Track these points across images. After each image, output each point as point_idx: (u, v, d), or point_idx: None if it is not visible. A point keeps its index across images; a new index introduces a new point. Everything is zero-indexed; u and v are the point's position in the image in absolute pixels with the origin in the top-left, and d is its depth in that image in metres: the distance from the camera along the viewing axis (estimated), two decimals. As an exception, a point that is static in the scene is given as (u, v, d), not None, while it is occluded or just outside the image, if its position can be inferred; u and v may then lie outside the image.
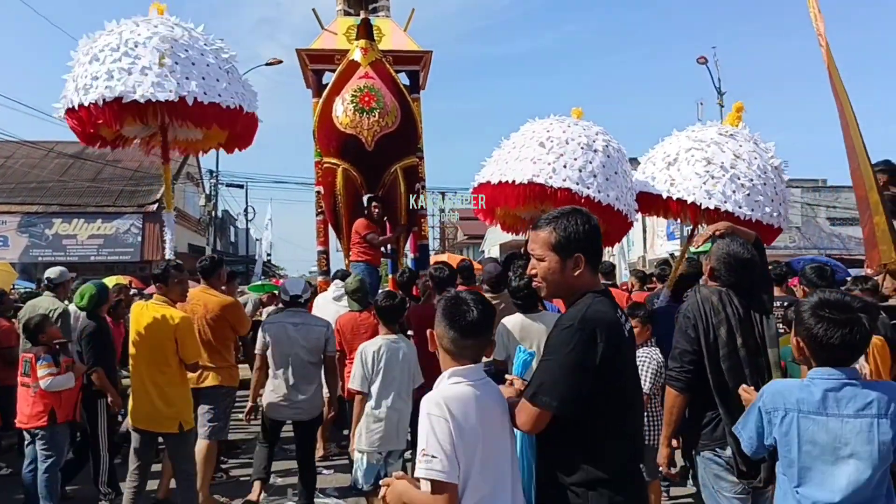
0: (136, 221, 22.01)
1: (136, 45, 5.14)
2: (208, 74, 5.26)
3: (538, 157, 5.80)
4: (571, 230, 2.07)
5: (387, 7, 9.38)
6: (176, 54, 5.17)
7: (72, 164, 23.59)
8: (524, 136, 6.14)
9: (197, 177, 28.17)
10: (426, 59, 9.02)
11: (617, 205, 5.86)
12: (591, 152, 5.85)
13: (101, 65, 5.07)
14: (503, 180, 5.91)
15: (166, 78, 5.01)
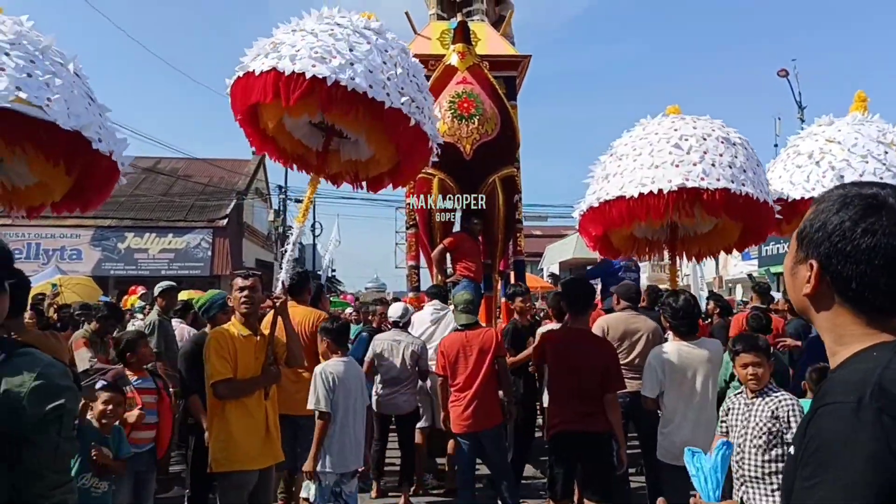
0: (206, 236, 22.07)
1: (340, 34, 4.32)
2: (399, 81, 4.30)
3: (679, 160, 5.00)
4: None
5: (481, 11, 9.00)
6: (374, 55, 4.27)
7: (144, 178, 23.86)
8: (647, 141, 5.38)
9: (265, 192, 28.26)
10: (524, 64, 8.57)
11: (770, 201, 5.19)
12: (732, 146, 5.10)
13: (306, 38, 4.24)
14: (643, 192, 4.99)
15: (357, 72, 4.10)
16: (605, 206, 5.25)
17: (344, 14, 4.43)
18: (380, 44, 4.26)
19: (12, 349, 1.72)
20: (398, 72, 4.20)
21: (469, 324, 5.23)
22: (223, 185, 24.44)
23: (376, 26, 4.41)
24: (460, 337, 5.20)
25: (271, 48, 4.14)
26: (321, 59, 3.95)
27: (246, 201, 24.52)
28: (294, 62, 3.95)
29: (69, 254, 21.43)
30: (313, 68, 3.89)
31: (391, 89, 4.09)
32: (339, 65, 3.95)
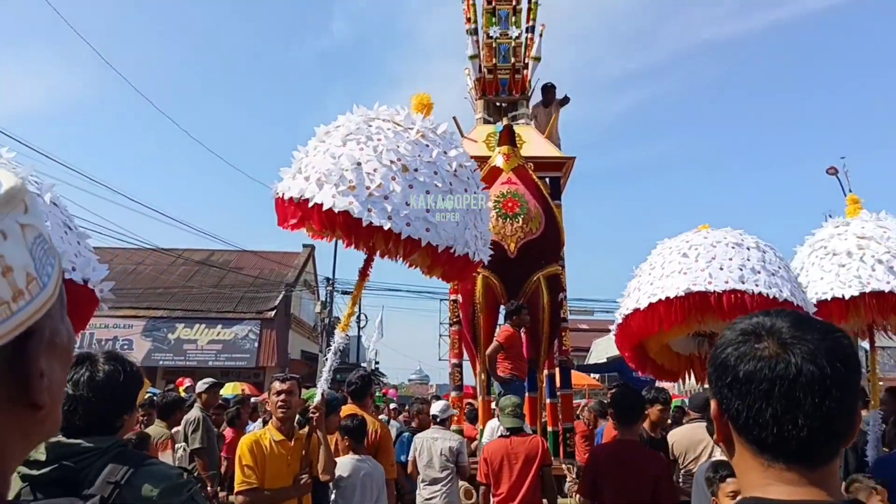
0: (253, 328, 22.37)
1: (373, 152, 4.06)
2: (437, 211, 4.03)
3: (687, 268, 5.06)
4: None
5: (527, 115, 9.24)
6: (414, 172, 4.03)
7: (197, 270, 24.50)
8: (661, 255, 5.40)
9: (313, 283, 28.70)
10: (568, 165, 8.71)
11: (794, 300, 5.10)
12: (745, 250, 5.09)
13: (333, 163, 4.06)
14: (653, 301, 5.10)
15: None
16: (626, 320, 5.34)
17: (398, 112, 4.28)
18: (428, 161, 4.07)
19: (140, 461, 1.83)
20: (443, 201, 4.04)
21: (514, 428, 5.16)
22: (273, 277, 24.92)
23: (435, 136, 4.23)
24: (504, 444, 5.11)
25: (303, 168, 4.15)
26: (360, 194, 3.84)
27: (294, 293, 24.91)
28: (321, 188, 3.91)
29: (121, 344, 21.88)
30: (350, 206, 3.82)
31: (433, 224, 3.95)
32: (374, 199, 3.85)
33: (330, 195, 3.91)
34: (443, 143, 4.28)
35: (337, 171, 3.96)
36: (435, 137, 4.26)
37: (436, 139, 4.25)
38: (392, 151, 4.02)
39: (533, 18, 9.53)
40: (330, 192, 3.91)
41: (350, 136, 4.17)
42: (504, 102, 9.40)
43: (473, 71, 9.42)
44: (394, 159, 3.98)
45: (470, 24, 9.58)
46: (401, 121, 4.27)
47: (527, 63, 9.42)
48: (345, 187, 3.91)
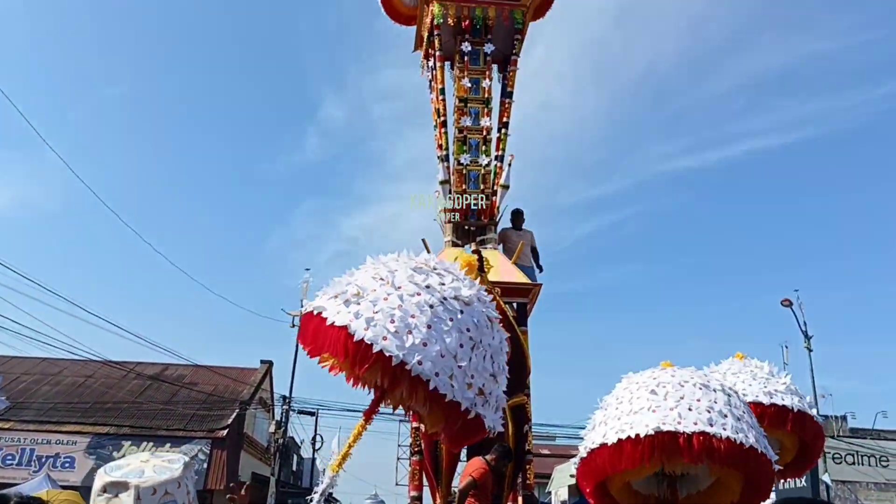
0: (204, 447, 21.41)
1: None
2: (471, 368, 3.85)
3: (656, 406, 4.98)
4: None
5: (494, 240, 9.30)
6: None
7: (149, 385, 23.64)
8: (628, 389, 5.45)
9: (269, 402, 27.81)
10: (535, 292, 8.68)
11: (758, 447, 5.05)
12: (712, 392, 5.12)
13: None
14: (621, 437, 4.94)
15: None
16: (591, 455, 5.14)
17: (437, 268, 4.09)
18: (464, 320, 3.90)
19: None
20: (473, 358, 3.87)
21: None
22: (227, 394, 24.12)
23: (468, 295, 4.02)
24: None
25: (353, 297, 3.89)
26: (395, 332, 3.67)
27: (248, 411, 24.06)
28: (369, 327, 3.70)
29: (62, 461, 20.70)
30: (384, 342, 3.64)
31: (458, 380, 3.79)
32: (413, 345, 3.66)
33: (363, 327, 3.68)
34: (446, 277, 4.07)
35: (340, 285, 3.90)
36: (438, 268, 4.09)
37: (438, 269, 4.07)
38: (388, 271, 3.95)
39: (502, 148, 9.78)
40: (362, 323, 3.69)
41: (397, 271, 4.03)
42: (473, 227, 9.48)
43: (443, 195, 9.53)
44: (434, 303, 3.83)
45: (441, 150, 9.79)
46: (455, 273, 4.12)
47: (495, 190, 9.58)
48: (342, 300, 3.81)
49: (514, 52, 10.20)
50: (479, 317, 3.96)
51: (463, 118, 9.71)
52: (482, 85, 9.88)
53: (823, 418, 25.18)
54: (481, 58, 9.94)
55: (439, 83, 10.02)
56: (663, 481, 5.51)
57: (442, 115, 9.96)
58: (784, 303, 25.45)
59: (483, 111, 9.81)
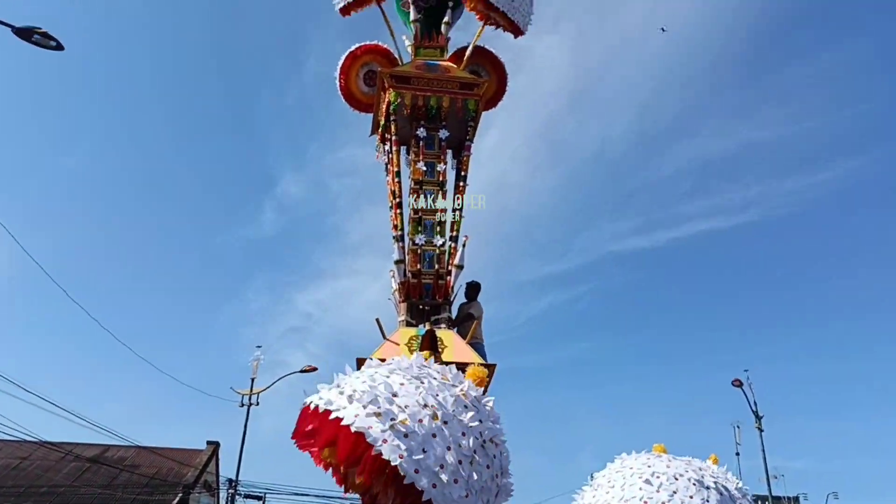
0: (144, 534, 20.48)
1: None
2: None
3: (648, 497, 5.15)
4: None
5: (448, 319, 9.42)
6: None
7: (88, 468, 22.66)
8: (621, 474, 5.51)
9: (214, 485, 26.84)
10: (490, 372, 8.78)
11: None
12: (705, 489, 5.25)
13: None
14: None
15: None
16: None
17: (475, 402, 4.13)
18: (496, 466, 3.99)
19: None
20: (464, 464, 3.85)
21: None
22: (171, 477, 23.23)
23: (501, 438, 4.15)
24: None
25: (401, 424, 3.74)
26: (445, 482, 3.63)
27: (192, 496, 23.17)
28: (419, 470, 3.60)
29: (-11, 550, 19.55)
30: (434, 490, 3.60)
31: (441, 483, 3.74)
32: (459, 497, 3.67)
33: (353, 413, 3.75)
34: (482, 412, 4.14)
35: (371, 393, 3.82)
36: (477, 405, 4.14)
37: (477, 406, 4.13)
38: (431, 396, 3.90)
39: (457, 230, 10.04)
40: (354, 410, 3.76)
41: (398, 370, 4.13)
42: (427, 306, 9.60)
43: (398, 275, 9.68)
44: (429, 403, 3.86)
45: (397, 230, 10.01)
46: (450, 377, 4.22)
47: (450, 270, 9.77)
48: (372, 411, 3.73)
49: (467, 138, 10.60)
50: (505, 461, 4.10)
51: (418, 200, 9.97)
52: (437, 169, 10.20)
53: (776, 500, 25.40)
54: (436, 143, 10.30)
55: (395, 166, 10.33)
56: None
57: (398, 197, 10.22)
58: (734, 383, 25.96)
59: (438, 194, 10.10)
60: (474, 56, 10.92)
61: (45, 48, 10.67)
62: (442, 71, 10.44)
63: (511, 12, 10.38)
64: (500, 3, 10.25)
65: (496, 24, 10.64)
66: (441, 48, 10.96)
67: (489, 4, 10.25)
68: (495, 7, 10.27)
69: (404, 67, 10.49)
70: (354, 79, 11.23)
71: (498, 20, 10.53)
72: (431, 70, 10.41)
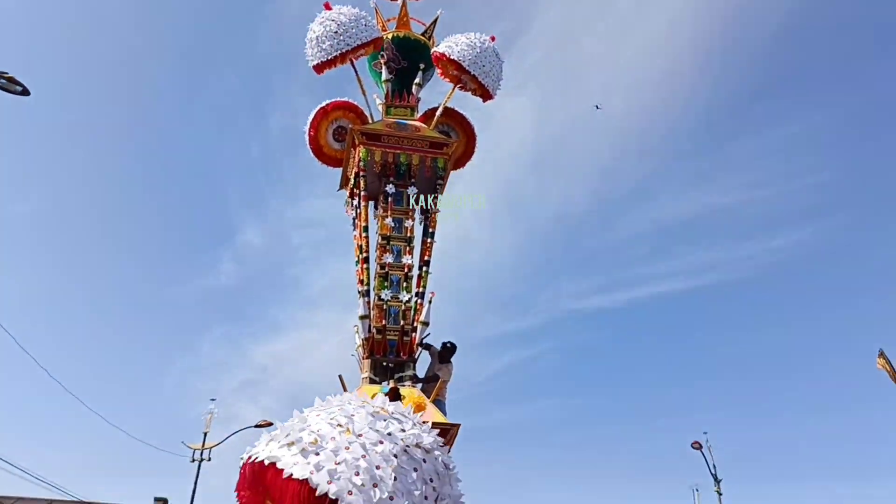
0: None
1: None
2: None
3: None
4: None
5: (412, 377, 9.36)
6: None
7: (28, 524, 21.67)
8: None
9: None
10: (453, 433, 8.69)
11: None
12: None
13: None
14: None
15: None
16: None
17: (394, 413, 4.15)
18: (428, 469, 3.93)
19: None
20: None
21: None
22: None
23: (429, 443, 4.08)
24: None
25: (311, 445, 3.76)
26: (362, 486, 3.59)
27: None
28: (332, 481, 3.57)
29: None
30: (350, 497, 3.54)
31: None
32: (380, 499, 3.59)
33: (268, 450, 3.78)
34: (405, 423, 4.12)
35: (285, 429, 3.88)
36: (400, 417, 4.14)
37: (399, 418, 4.13)
38: (343, 416, 3.93)
39: (423, 285, 10.06)
40: (270, 447, 3.79)
41: (319, 407, 4.13)
42: (391, 363, 9.53)
43: (363, 330, 9.62)
44: (341, 422, 3.88)
45: (363, 285, 9.99)
46: (373, 402, 4.22)
47: (415, 326, 9.75)
48: (284, 442, 3.78)
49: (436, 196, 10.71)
50: (440, 466, 4.01)
51: (385, 255, 10.00)
52: (405, 224, 10.27)
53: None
54: (405, 199, 10.40)
55: (363, 221, 10.38)
56: None
57: (364, 252, 10.23)
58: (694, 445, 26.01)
59: (405, 249, 10.15)
60: (444, 116, 11.15)
61: (9, 92, 10.54)
62: (412, 130, 10.62)
63: (482, 77, 10.65)
64: (472, 68, 10.53)
65: (466, 87, 10.89)
66: (412, 108, 11.17)
67: (462, 68, 10.52)
68: (467, 71, 10.53)
69: (375, 125, 10.64)
70: (324, 133, 11.33)
71: (469, 83, 10.78)
72: (402, 128, 10.58)
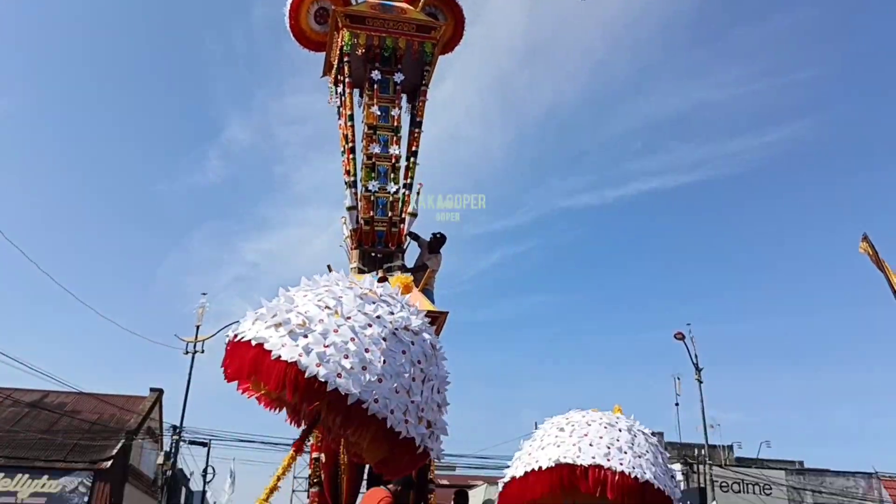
0: (85, 479, 20.19)
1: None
2: (423, 402, 3.76)
3: (561, 441, 5.57)
4: None
5: (401, 267, 9.29)
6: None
7: (27, 412, 22.17)
8: (543, 429, 5.95)
9: (157, 431, 26.59)
10: (441, 320, 8.69)
11: (657, 483, 5.38)
12: (616, 430, 5.62)
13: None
14: (528, 470, 5.59)
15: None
16: (506, 487, 5.82)
17: (383, 295, 3.99)
18: (416, 352, 3.80)
19: None
20: (424, 391, 3.78)
21: None
22: (113, 423, 22.90)
23: (417, 325, 3.94)
24: None
25: (299, 328, 3.62)
26: (351, 369, 3.47)
27: (135, 442, 22.91)
28: (321, 363, 3.45)
29: (-77, 496, 19.10)
30: (340, 379, 3.43)
31: (412, 415, 3.66)
32: (369, 382, 3.47)
33: (254, 329, 3.66)
34: (393, 304, 3.95)
35: (272, 309, 3.74)
36: (388, 299, 3.97)
37: (388, 300, 3.95)
38: (332, 299, 3.78)
39: (411, 177, 9.84)
40: (256, 326, 3.67)
41: (305, 288, 3.98)
42: (379, 254, 9.46)
43: (350, 221, 9.48)
44: (329, 304, 3.74)
45: (349, 176, 9.75)
46: (360, 284, 4.05)
47: (403, 217, 9.62)
48: (271, 323, 3.65)
49: (423, 82, 10.34)
50: (427, 347, 3.92)
51: (372, 145, 9.72)
52: (391, 113, 9.93)
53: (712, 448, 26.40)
54: (391, 86, 10.02)
55: (348, 109, 10.00)
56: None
57: (350, 142, 9.93)
58: (677, 336, 26.69)
59: (392, 139, 9.87)
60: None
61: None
62: (398, 12, 10.11)
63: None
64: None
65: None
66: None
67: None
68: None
69: (359, 7, 10.10)
70: (305, 16, 10.76)
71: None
72: (387, 10, 10.06)
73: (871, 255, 8.04)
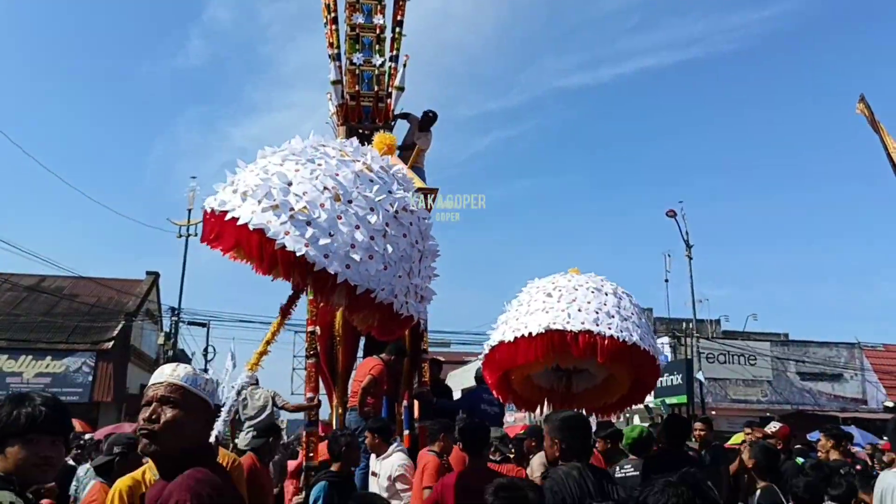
0: (88, 360, 20.76)
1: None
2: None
3: (549, 307, 5.51)
4: None
5: (389, 142, 9.16)
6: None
7: (26, 296, 22.48)
8: (529, 293, 5.85)
9: (156, 313, 27.09)
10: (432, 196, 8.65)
11: (642, 344, 5.50)
12: (603, 295, 5.58)
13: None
14: (517, 336, 5.51)
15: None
16: (492, 351, 5.73)
17: (382, 175, 3.84)
18: (414, 232, 3.83)
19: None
20: (422, 270, 3.86)
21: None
22: (111, 306, 23.29)
23: (413, 202, 3.93)
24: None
25: (300, 213, 3.50)
26: (359, 261, 3.46)
27: (135, 323, 23.38)
28: (329, 254, 3.40)
29: (-68, 375, 19.64)
30: (348, 270, 3.43)
31: (412, 296, 3.74)
32: (377, 271, 3.49)
33: (249, 210, 3.49)
34: (389, 183, 3.85)
35: (264, 187, 3.56)
36: (384, 175, 3.85)
37: (384, 177, 3.84)
38: (329, 178, 3.63)
39: (397, 49, 9.49)
40: (250, 207, 3.49)
41: (291, 156, 3.78)
42: (367, 130, 9.25)
43: (336, 97, 9.23)
44: (328, 185, 3.59)
45: (332, 49, 9.38)
46: (349, 152, 3.88)
47: (390, 92, 9.34)
48: (268, 205, 3.49)
49: (409, -53, 9.80)
50: (423, 225, 3.91)
51: (355, 15, 9.32)
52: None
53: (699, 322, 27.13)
54: (375, -50, 9.51)
55: (329, -25, 9.53)
56: (561, 376, 6.00)
57: (333, 11, 9.49)
58: (669, 213, 26.84)
59: (376, 8, 9.45)
60: None
61: None
62: None
63: None
64: None
65: None
66: None
67: None
68: None
69: None
70: None
71: None
72: None
73: (867, 115, 7.92)
